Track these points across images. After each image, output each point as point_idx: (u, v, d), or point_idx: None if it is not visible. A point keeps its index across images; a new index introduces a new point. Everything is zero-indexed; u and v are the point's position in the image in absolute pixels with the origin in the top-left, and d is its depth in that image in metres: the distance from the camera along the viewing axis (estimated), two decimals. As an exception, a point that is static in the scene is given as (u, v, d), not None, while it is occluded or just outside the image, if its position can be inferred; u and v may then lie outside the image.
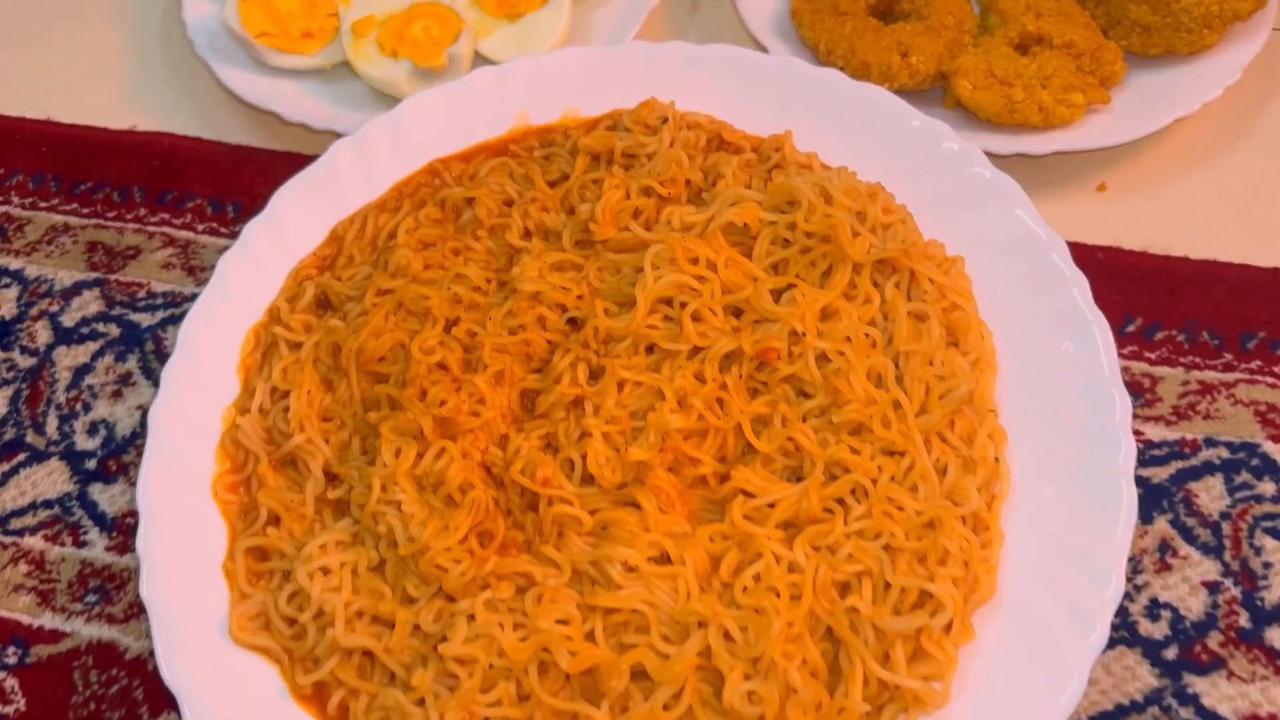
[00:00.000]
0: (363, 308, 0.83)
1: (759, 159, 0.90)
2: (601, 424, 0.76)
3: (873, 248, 0.81)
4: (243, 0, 1.00)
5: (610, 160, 0.90)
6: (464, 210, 0.89)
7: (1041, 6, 0.96)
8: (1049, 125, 0.91)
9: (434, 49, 0.97)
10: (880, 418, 0.75)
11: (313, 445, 0.79)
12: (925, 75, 0.94)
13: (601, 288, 0.83)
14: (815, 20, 0.97)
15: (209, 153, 1.01)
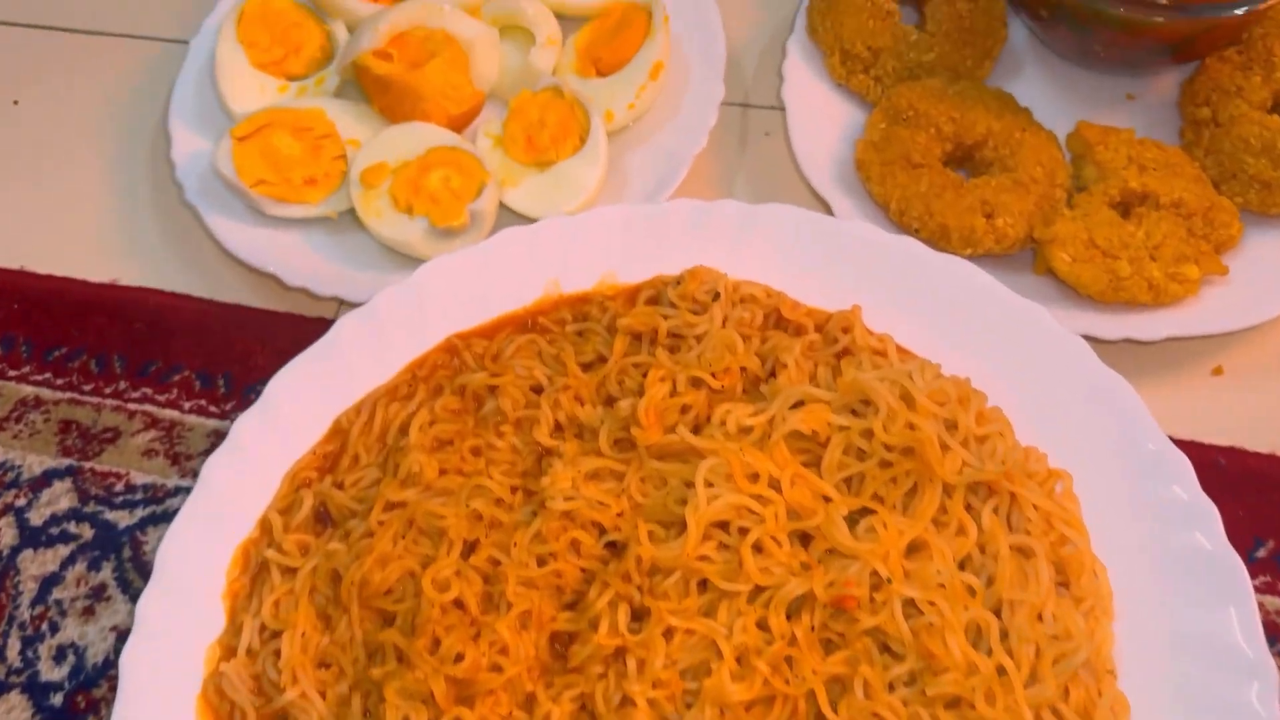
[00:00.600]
0: (368, 526, 0.72)
1: (824, 341, 0.78)
2: (647, 688, 0.64)
3: (967, 467, 0.69)
4: (238, 143, 0.88)
5: (654, 341, 0.78)
6: (486, 399, 0.78)
7: (1144, 157, 0.84)
8: (1159, 303, 0.79)
9: (454, 204, 0.85)
10: (984, 691, 0.62)
11: (306, 702, 0.67)
12: (1014, 240, 0.82)
13: (645, 504, 0.71)
14: (885, 174, 0.85)
15: (199, 314, 0.90)
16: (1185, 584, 0.66)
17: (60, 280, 0.93)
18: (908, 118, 0.87)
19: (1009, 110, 0.87)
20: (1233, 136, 0.84)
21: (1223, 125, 0.85)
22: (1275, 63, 0.84)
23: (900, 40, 0.91)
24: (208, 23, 1.01)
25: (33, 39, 1.09)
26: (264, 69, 0.95)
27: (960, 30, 0.91)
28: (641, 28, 0.95)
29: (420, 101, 0.90)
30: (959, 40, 0.91)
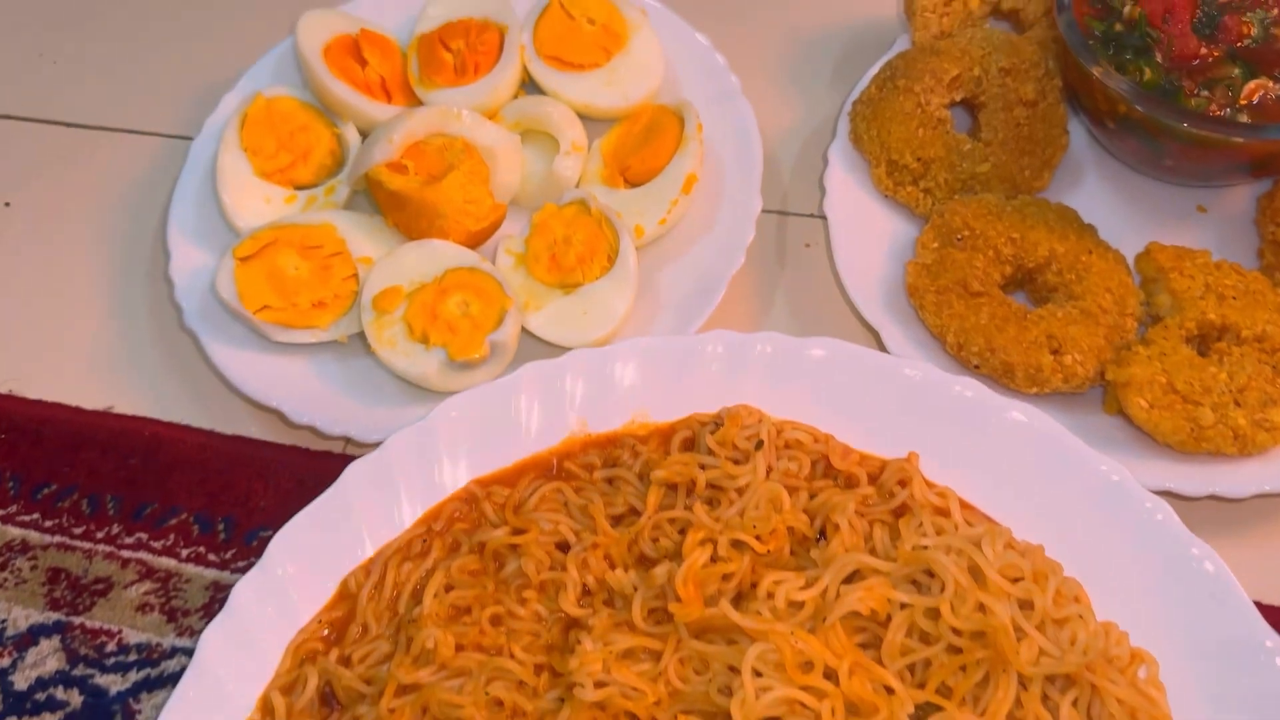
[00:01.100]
0: (378, 714, 0.65)
1: (879, 495, 0.71)
2: None
3: (1045, 656, 0.61)
4: (240, 264, 0.82)
5: (690, 492, 0.71)
6: (508, 559, 0.71)
7: (1223, 285, 0.77)
8: (1246, 453, 0.71)
9: (473, 335, 0.79)
10: None
11: None
12: (1084, 379, 0.75)
13: (685, 690, 0.64)
14: (940, 302, 0.78)
15: (199, 448, 0.83)
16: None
17: (51, 406, 0.86)
18: (963, 238, 0.80)
19: (1073, 229, 0.80)
20: (1319, 261, 0.77)
21: (1307, 248, 0.78)
22: (1364, 181, 0.77)
23: (953, 150, 0.84)
24: (210, 122, 0.94)
25: (26, 133, 1.03)
26: (269, 178, 0.89)
27: (1018, 139, 0.84)
28: (673, 134, 0.88)
29: (438, 218, 0.84)
30: (1016, 149, 0.84)
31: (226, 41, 1.06)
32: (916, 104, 0.85)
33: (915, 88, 0.85)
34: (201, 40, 1.07)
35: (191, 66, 1.05)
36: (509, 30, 0.93)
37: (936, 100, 0.85)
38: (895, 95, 0.85)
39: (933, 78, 0.85)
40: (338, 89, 0.91)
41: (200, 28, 1.08)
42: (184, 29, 1.08)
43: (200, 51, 1.06)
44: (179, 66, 1.05)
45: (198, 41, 1.07)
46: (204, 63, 1.04)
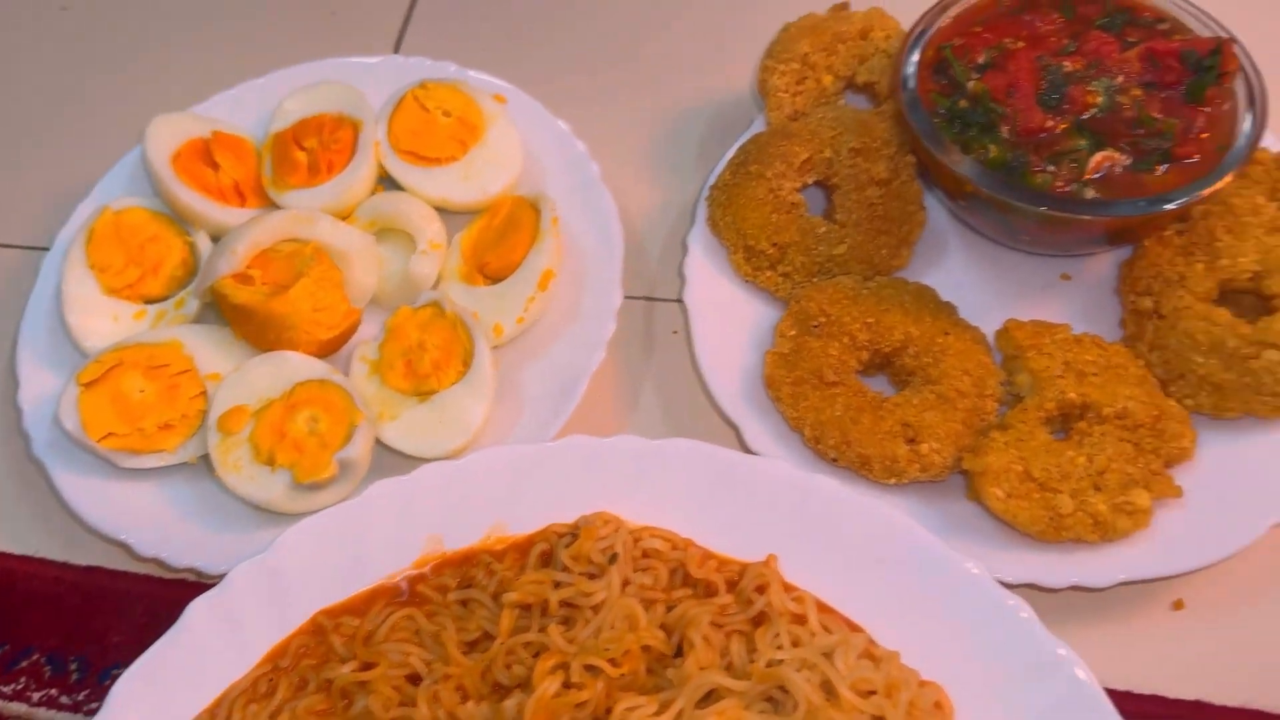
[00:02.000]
0: None
1: (737, 603, 0.69)
2: None
3: (897, 777, 0.59)
4: (84, 390, 0.78)
5: (544, 612, 0.69)
6: (356, 696, 0.67)
7: (1083, 361, 0.75)
8: (1105, 539, 0.69)
9: (320, 454, 0.76)
10: None
11: None
12: (941, 467, 0.73)
13: (537, 831, 0.61)
14: (796, 394, 0.76)
15: (52, 583, 0.80)
16: None
17: (-105, 545, 0.82)
18: (819, 324, 0.78)
19: (929, 310, 0.78)
20: (1178, 332, 0.75)
21: (1166, 318, 0.76)
22: (1219, 248, 0.76)
23: (808, 234, 0.82)
24: (61, 236, 0.90)
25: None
26: (117, 294, 0.86)
27: (873, 219, 0.82)
28: (530, 228, 0.86)
29: (286, 330, 0.80)
30: (872, 229, 0.82)
31: (84, 146, 1.02)
32: (769, 189, 0.83)
33: (767, 173, 0.83)
34: (58, 147, 1.04)
35: (47, 174, 1.01)
36: (363, 126, 0.90)
37: (789, 184, 0.83)
38: (748, 181, 0.83)
39: (784, 162, 0.83)
40: (187, 197, 0.88)
41: (56, 133, 1.05)
42: (39, 135, 1.05)
43: (56, 158, 1.03)
44: (33, 174, 1.02)
45: (53, 148, 1.04)
46: (60, 170, 1.01)
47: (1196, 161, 0.75)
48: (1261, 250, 0.75)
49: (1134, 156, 0.75)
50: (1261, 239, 0.75)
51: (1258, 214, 0.76)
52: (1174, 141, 0.75)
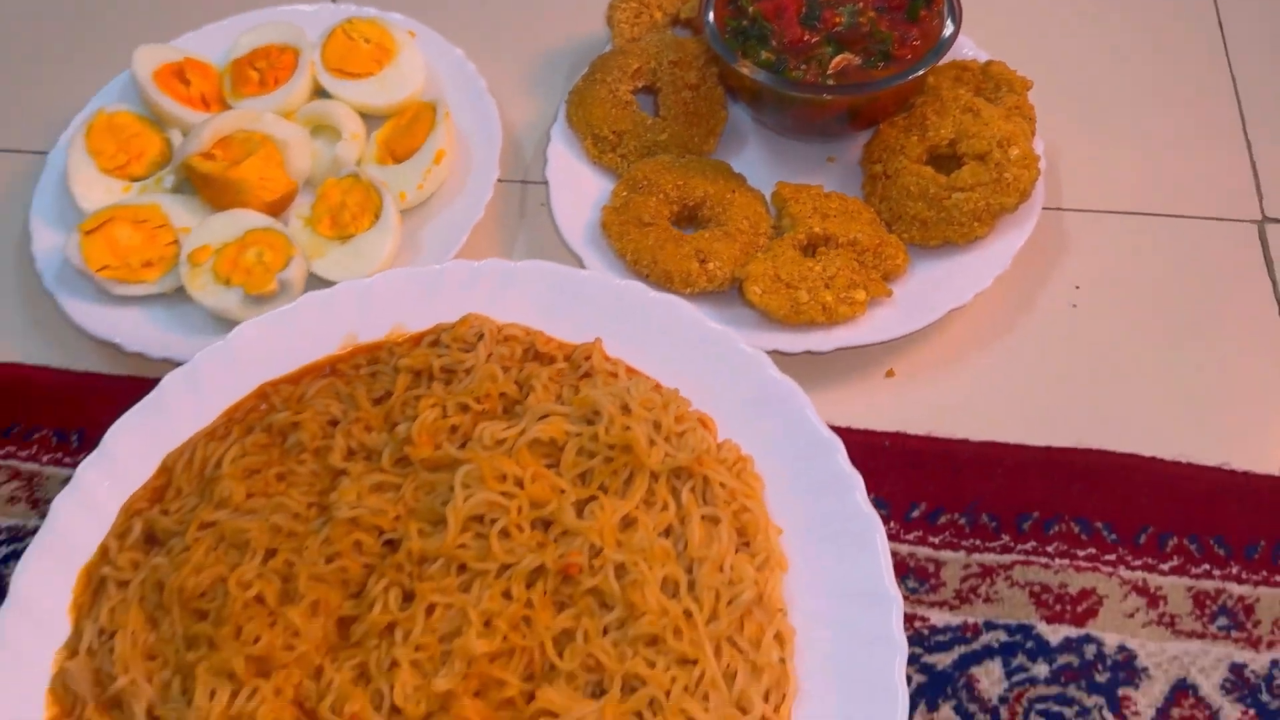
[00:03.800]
0: (185, 543, 0.84)
1: (571, 367, 0.93)
2: (410, 651, 0.77)
3: (667, 456, 0.83)
4: (85, 236, 1.01)
5: (431, 377, 0.92)
6: (290, 434, 0.91)
7: (828, 207, 1.01)
8: (833, 322, 0.95)
9: (265, 275, 0.99)
10: (673, 629, 0.76)
11: (136, 687, 0.79)
12: (723, 279, 0.98)
13: (417, 507, 0.84)
14: (623, 232, 1.01)
15: (55, 383, 1.02)
16: (838, 539, 0.81)
17: (-66, 361, 1.05)
18: (643, 187, 1.03)
19: (723, 176, 1.04)
20: (898, 186, 1.01)
21: (891, 177, 1.02)
22: (928, 126, 1.02)
23: (639, 125, 1.08)
24: (62, 137, 1.14)
25: (-89, 156, 1.22)
26: (110, 173, 1.09)
27: (687, 114, 1.08)
28: (429, 122, 1.10)
29: (239, 193, 1.04)
30: (686, 122, 1.08)
31: (77, 73, 1.26)
32: (610, 90, 1.08)
33: (608, 79, 1.09)
34: (55, 72, 1.27)
35: (45, 94, 1.25)
36: (302, 52, 1.15)
37: (624, 88, 1.09)
38: (594, 86, 1.09)
39: (620, 70, 1.09)
40: (165, 103, 1.12)
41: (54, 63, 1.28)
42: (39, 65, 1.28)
43: (53, 81, 1.26)
44: (34, 93, 1.25)
45: (50, 73, 1.27)
46: (56, 92, 1.24)
47: (909, 60, 1.01)
48: (957, 125, 1.01)
49: (864, 58, 1.02)
50: (958, 116, 1.02)
51: (957, 101, 1.03)
52: (892, 46, 1.01)
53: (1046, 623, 0.82)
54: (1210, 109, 1.13)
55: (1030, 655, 0.81)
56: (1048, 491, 0.88)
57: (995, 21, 1.17)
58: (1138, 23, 1.21)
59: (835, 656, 0.77)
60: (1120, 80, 1.16)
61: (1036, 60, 1.09)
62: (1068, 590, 0.83)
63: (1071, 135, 1.10)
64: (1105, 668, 0.80)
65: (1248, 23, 1.20)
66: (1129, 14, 1.22)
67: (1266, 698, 0.78)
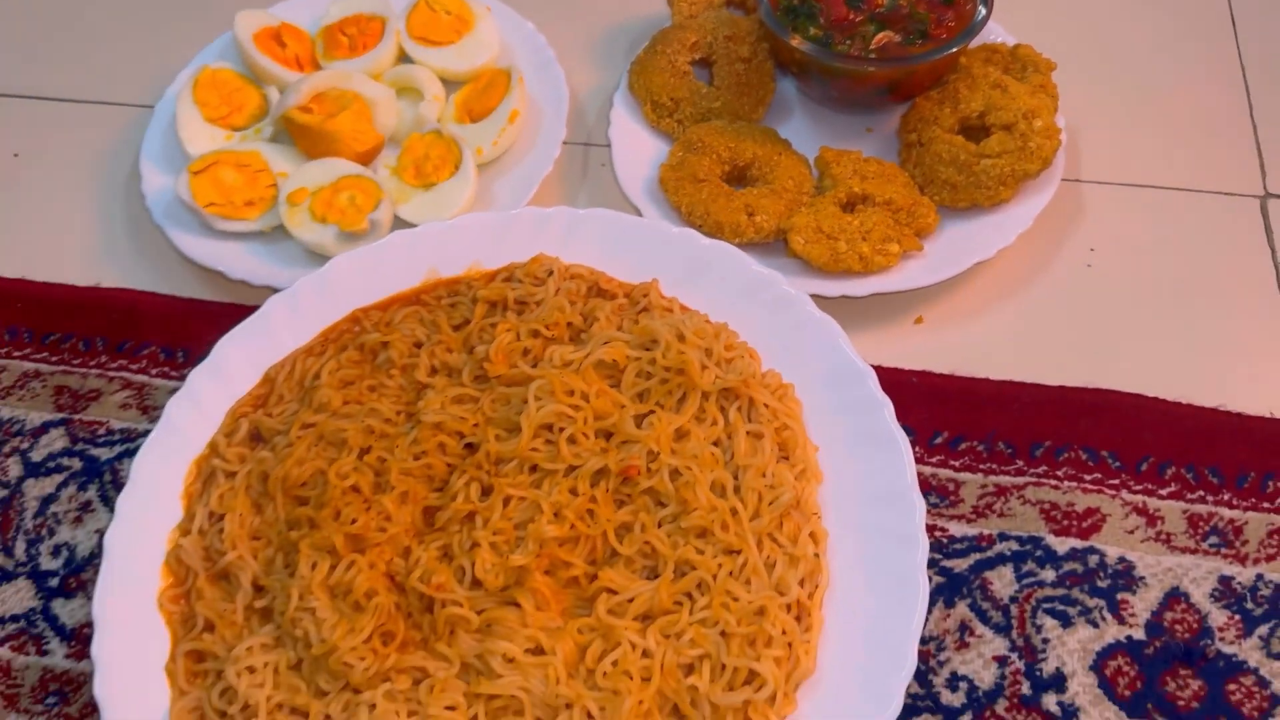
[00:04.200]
0: (288, 440, 0.94)
1: (630, 303, 1.03)
2: (489, 535, 0.87)
3: (718, 378, 0.93)
4: (193, 176, 1.12)
5: (505, 307, 1.02)
6: (380, 352, 1.01)
7: (867, 170, 1.11)
8: (868, 271, 1.05)
9: (357, 215, 1.10)
10: (720, 523, 0.86)
11: (243, 561, 0.89)
12: (769, 231, 1.08)
13: (494, 417, 0.94)
14: (679, 186, 1.11)
15: (163, 306, 1.13)
16: (868, 452, 0.91)
17: (55, 285, 1.15)
18: (697, 148, 1.13)
19: (771, 140, 1.14)
20: (931, 153, 1.11)
21: (924, 145, 1.12)
22: (959, 99, 1.12)
23: (695, 93, 1.18)
24: (169, 90, 1.25)
25: (27, 107, 1.33)
26: (214, 123, 1.20)
27: (739, 85, 1.18)
28: (504, 86, 1.21)
29: (334, 143, 1.15)
30: (738, 92, 1.18)
31: (178, 35, 1.37)
32: (669, 61, 1.18)
33: (668, 50, 1.19)
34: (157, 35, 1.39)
35: (150, 55, 1.36)
36: (389, 20, 1.26)
37: (682, 59, 1.19)
38: (655, 56, 1.19)
39: (679, 43, 1.19)
40: (264, 62, 1.23)
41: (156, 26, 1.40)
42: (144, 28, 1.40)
43: (156, 43, 1.38)
44: (141, 56, 1.37)
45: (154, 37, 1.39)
46: (160, 52, 1.36)
47: (944, 40, 1.11)
48: (986, 99, 1.11)
49: (903, 36, 1.11)
50: (987, 92, 1.11)
51: (987, 78, 1.12)
52: (929, 27, 1.11)
53: (1054, 535, 0.91)
54: (1219, 93, 1.22)
55: (1039, 562, 0.90)
56: (1059, 424, 0.97)
57: (1024, 8, 1.27)
58: (1155, 12, 1.31)
59: (864, 553, 0.86)
60: (1137, 65, 1.26)
61: (1061, 45, 1.18)
62: (1074, 508, 0.92)
63: (1091, 114, 1.20)
64: (1106, 575, 0.89)
65: (1258, 14, 1.29)
66: (1146, 6, 1.32)
67: (1251, 605, 0.87)
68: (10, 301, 1.14)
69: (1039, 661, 0.85)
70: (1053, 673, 0.85)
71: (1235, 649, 0.85)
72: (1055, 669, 0.85)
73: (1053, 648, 0.86)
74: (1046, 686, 0.84)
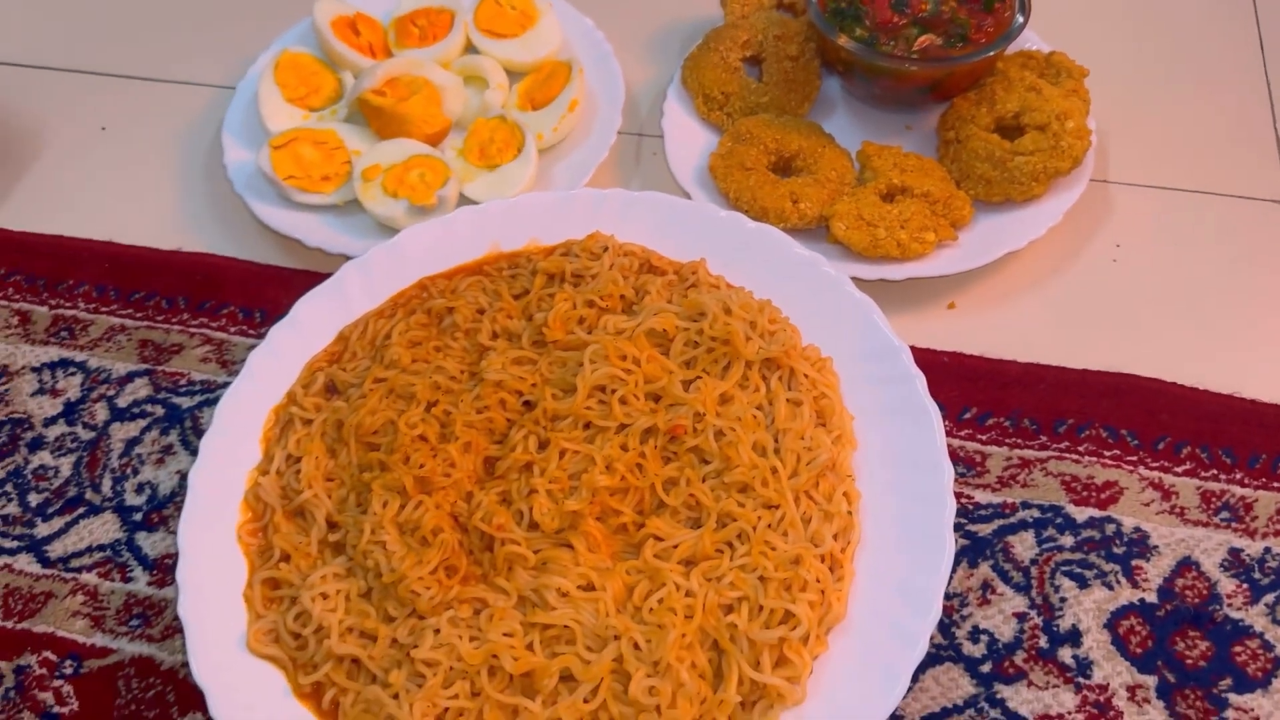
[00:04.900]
0: (361, 392, 1.01)
1: (679, 280, 1.09)
2: (546, 483, 0.93)
3: (760, 349, 0.99)
4: (274, 150, 1.20)
5: (562, 279, 1.09)
6: (446, 317, 1.08)
7: (906, 164, 1.17)
8: (905, 257, 1.11)
9: (426, 191, 1.17)
10: (760, 479, 0.92)
11: (318, 499, 0.96)
12: (811, 218, 1.14)
13: (551, 378, 1.00)
14: (727, 173, 1.17)
15: (242, 270, 1.20)
16: (901, 421, 0.96)
17: (141, 249, 1.23)
18: (746, 139, 1.20)
19: (815, 134, 1.20)
20: (968, 150, 1.17)
21: (961, 142, 1.18)
22: (996, 100, 1.18)
23: (745, 88, 1.24)
24: (250, 71, 1.33)
25: (117, 85, 1.41)
26: (293, 103, 1.28)
27: (787, 81, 1.24)
28: (564, 77, 1.28)
29: (405, 124, 1.22)
30: (786, 88, 1.24)
31: (262, 21, 1.45)
32: (721, 58, 1.25)
33: (720, 47, 1.26)
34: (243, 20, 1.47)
35: (230, 39, 1.44)
36: (458, 13, 1.33)
37: (733, 56, 1.26)
38: (708, 53, 1.26)
39: (731, 41, 1.26)
40: (340, 48, 1.30)
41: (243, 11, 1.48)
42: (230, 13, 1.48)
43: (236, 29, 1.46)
44: (225, 39, 1.45)
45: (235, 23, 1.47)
46: (240, 36, 1.44)
47: (983, 44, 1.17)
48: (1021, 100, 1.17)
49: (944, 39, 1.18)
50: (1023, 94, 1.17)
51: (1023, 81, 1.18)
52: (969, 31, 1.17)
53: (1074, 505, 0.96)
54: (1244, 103, 1.27)
55: (1059, 529, 0.95)
56: (1082, 404, 1.03)
57: (1060, 18, 1.33)
58: (1182, 25, 1.37)
59: (894, 512, 0.92)
60: (1165, 74, 1.31)
61: (1093, 53, 1.24)
62: (1094, 481, 0.98)
63: (1120, 119, 1.25)
64: (1122, 543, 0.94)
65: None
66: (1175, 17, 1.37)
67: (1258, 575, 0.92)
68: (99, 261, 1.22)
69: (1056, 618, 0.91)
70: (1069, 629, 0.90)
71: (1242, 615, 0.90)
72: (1071, 625, 0.90)
73: (1069, 606, 0.91)
74: (1063, 640, 0.90)
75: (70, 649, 0.95)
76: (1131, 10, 1.38)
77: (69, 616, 0.97)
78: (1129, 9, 1.39)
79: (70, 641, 0.96)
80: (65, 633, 0.96)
